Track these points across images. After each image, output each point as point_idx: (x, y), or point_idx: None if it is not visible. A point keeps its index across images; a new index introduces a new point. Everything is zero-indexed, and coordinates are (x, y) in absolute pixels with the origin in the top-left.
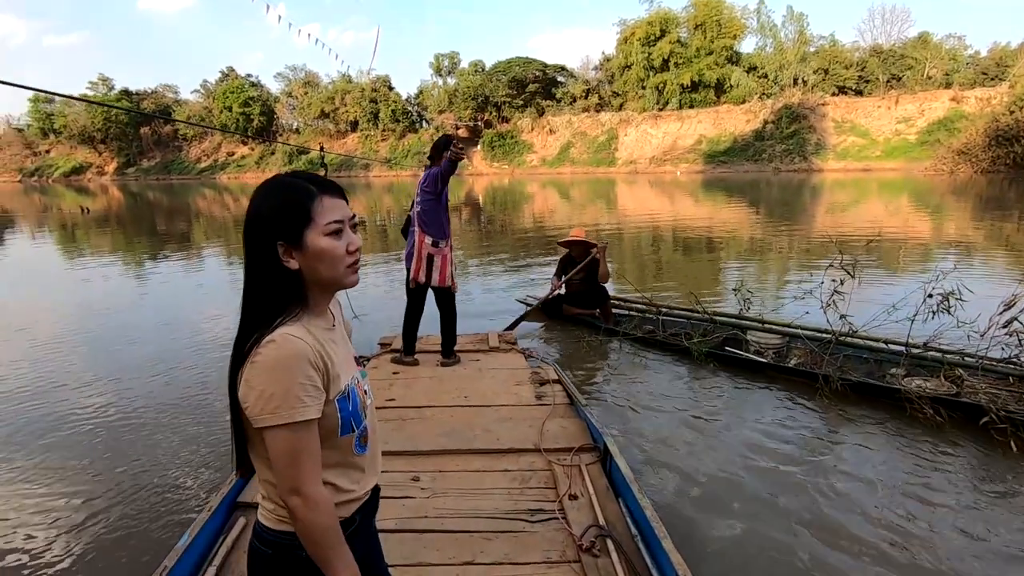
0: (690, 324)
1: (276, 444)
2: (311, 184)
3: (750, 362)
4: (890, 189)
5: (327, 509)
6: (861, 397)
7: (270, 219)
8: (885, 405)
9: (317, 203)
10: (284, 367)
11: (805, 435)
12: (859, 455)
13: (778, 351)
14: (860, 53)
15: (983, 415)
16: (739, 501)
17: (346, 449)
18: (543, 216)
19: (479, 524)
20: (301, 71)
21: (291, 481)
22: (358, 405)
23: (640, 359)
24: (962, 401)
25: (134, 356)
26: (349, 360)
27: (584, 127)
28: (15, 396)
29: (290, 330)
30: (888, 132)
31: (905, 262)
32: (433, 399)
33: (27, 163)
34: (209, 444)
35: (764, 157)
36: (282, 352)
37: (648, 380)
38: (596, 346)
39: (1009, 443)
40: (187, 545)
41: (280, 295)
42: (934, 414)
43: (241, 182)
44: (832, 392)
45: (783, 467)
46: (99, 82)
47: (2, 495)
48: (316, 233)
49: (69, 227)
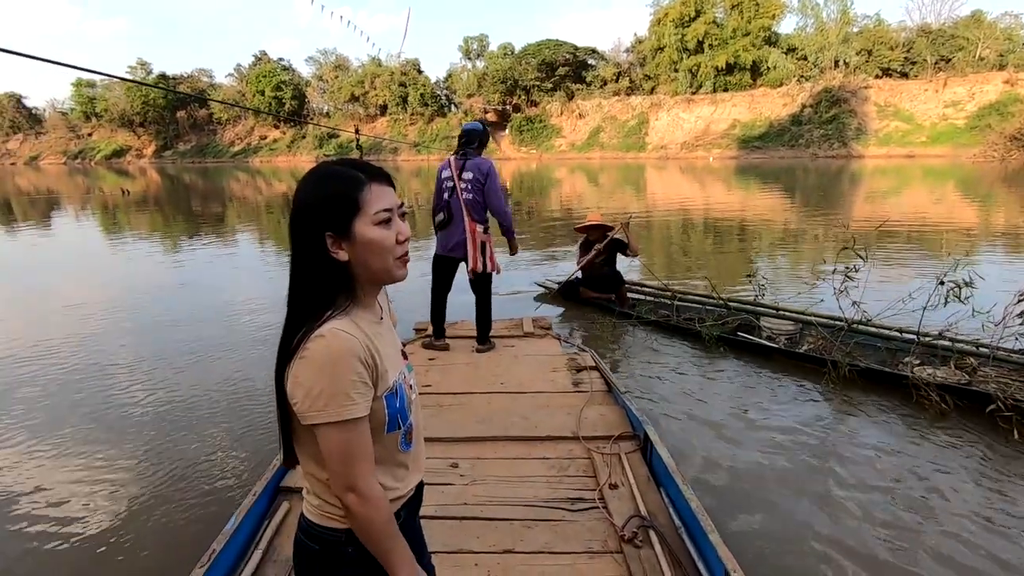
0: (704, 310)
1: (328, 442)
2: (359, 171)
3: (761, 347)
4: (935, 176)
5: (382, 504)
6: (871, 384)
7: (318, 209)
8: (894, 392)
9: (366, 191)
10: (332, 364)
11: (813, 421)
12: (868, 441)
13: (791, 337)
14: (907, 33)
15: (990, 403)
16: (757, 489)
17: (392, 446)
18: (571, 201)
19: (519, 512)
20: (332, 55)
21: (345, 479)
22: (405, 401)
23: (653, 342)
24: (969, 389)
25: (175, 337)
26: (396, 354)
27: (614, 111)
28: (67, 374)
29: (339, 324)
30: (935, 116)
31: (945, 252)
32: (470, 385)
33: (71, 146)
34: (250, 427)
35: (801, 143)
36: (331, 348)
37: (659, 363)
38: (610, 328)
39: (1013, 431)
40: (234, 529)
41: (328, 287)
42: (940, 401)
43: (273, 166)
44: (841, 378)
45: (794, 453)
46: (138, 66)
47: (54, 470)
48: (365, 223)
49: (111, 208)
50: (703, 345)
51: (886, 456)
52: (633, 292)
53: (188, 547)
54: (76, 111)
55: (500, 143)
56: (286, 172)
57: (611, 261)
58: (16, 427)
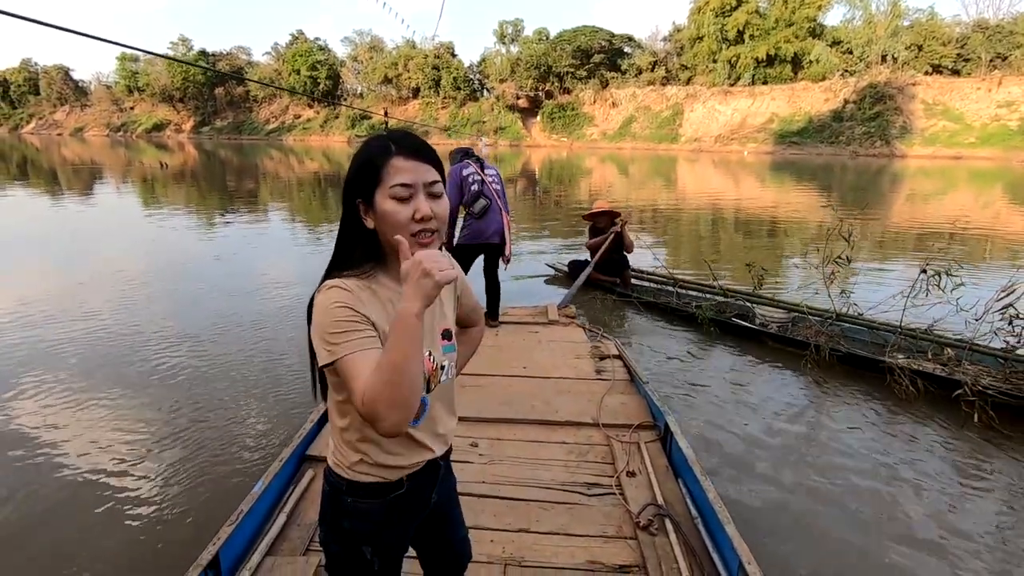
0: (704, 297)
1: (341, 372)
2: (392, 143)
3: (752, 332)
4: (983, 179)
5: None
6: (852, 369)
7: (352, 177)
8: (872, 377)
9: (388, 163)
10: (324, 312)
11: (796, 402)
12: (846, 422)
13: (782, 325)
14: (962, 28)
15: (957, 389)
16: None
17: None
18: (599, 192)
19: (536, 493)
20: (367, 36)
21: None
22: None
23: (653, 324)
24: (937, 375)
25: (209, 307)
26: (426, 331)
27: (648, 101)
28: (108, 338)
29: (343, 281)
30: (986, 117)
31: (987, 257)
32: (492, 368)
33: (114, 119)
34: (278, 396)
35: (841, 140)
36: (326, 296)
37: (656, 341)
38: (611, 308)
39: (974, 415)
40: (261, 491)
41: (356, 252)
42: (910, 384)
43: (306, 144)
44: (822, 362)
45: (779, 431)
46: (179, 42)
47: (91, 430)
48: (382, 194)
49: (150, 180)
50: (700, 328)
51: (861, 436)
52: (640, 278)
53: (217, 506)
54: (120, 85)
55: (531, 130)
56: (318, 151)
57: (617, 248)
58: (59, 387)
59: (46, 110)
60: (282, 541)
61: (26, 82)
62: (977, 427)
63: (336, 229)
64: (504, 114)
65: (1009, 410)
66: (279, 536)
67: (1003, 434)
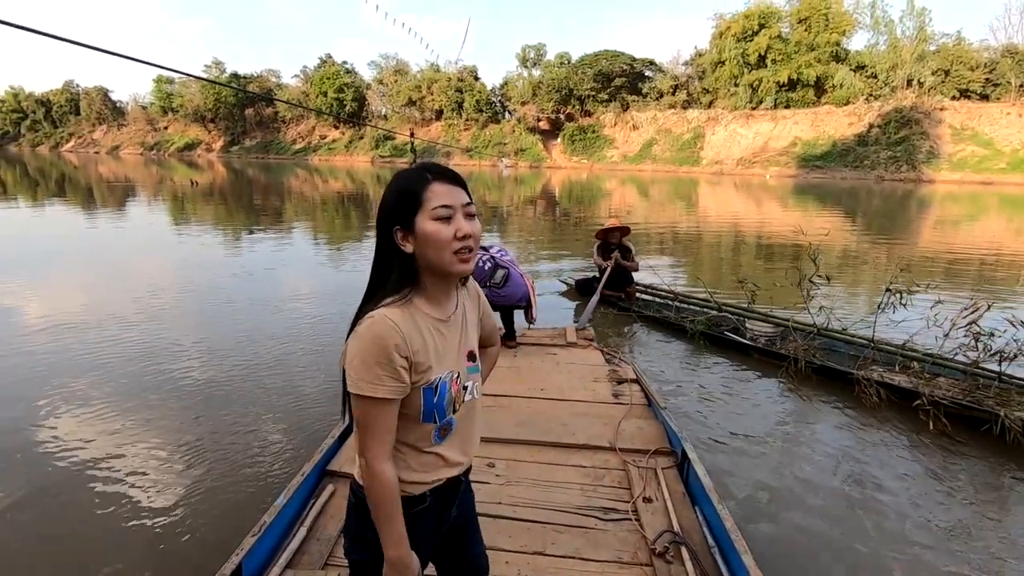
0: (701, 312)
1: (356, 410)
2: (427, 171)
3: (740, 345)
4: (1014, 205)
5: (385, 484)
6: (826, 380)
7: (390, 205)
8: (842, 387)
9: (428, 189)
10: (369, 344)
11: (773, 409)
12: (821, 428)
13: (770, 339)
14: (990, 53)
15: (917, 399)
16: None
17: (423, 436)
18: (619, 213)
19: (551, 516)
20: (393, 59)
21: (361, 445)
22: (445, 399)
23: (652, 336)
24: (899, 386)
25: (235, 322)
26: (455, 354)
27: (669, 124)
28: (136, 349)
29: (389, 312)
30: (1016, 142)
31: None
32: (510, 389)
33: (148, 138)
34: (301, 411)
35: (866, 164)
36: (372, 330)
37: (649, 353)
38: (613, 321)
39: (929, 423)
40: (283, 505)
41: (394, 277)
42: (874, 395)
43: (331, 164)
44: (798, 372)
45: (756, 437)
46: (213, 65)
47: (118, 440)
48: (424, 217)
49: (180, 197)
50: (692, 341)
51: (832, 441)
52: (644, 293)
53: (238, 517)
54: (155, 105)
55: (551, 151)
56: (343, 171)
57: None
58: (87, 397)
59: (85, 129)
60: (302, 555)
61: (67, 102)
62: (932, 434)
63: (362, 249)
64: (525, 136)
65: (961, 419)
66: (299, 549)
67: (955, 440)
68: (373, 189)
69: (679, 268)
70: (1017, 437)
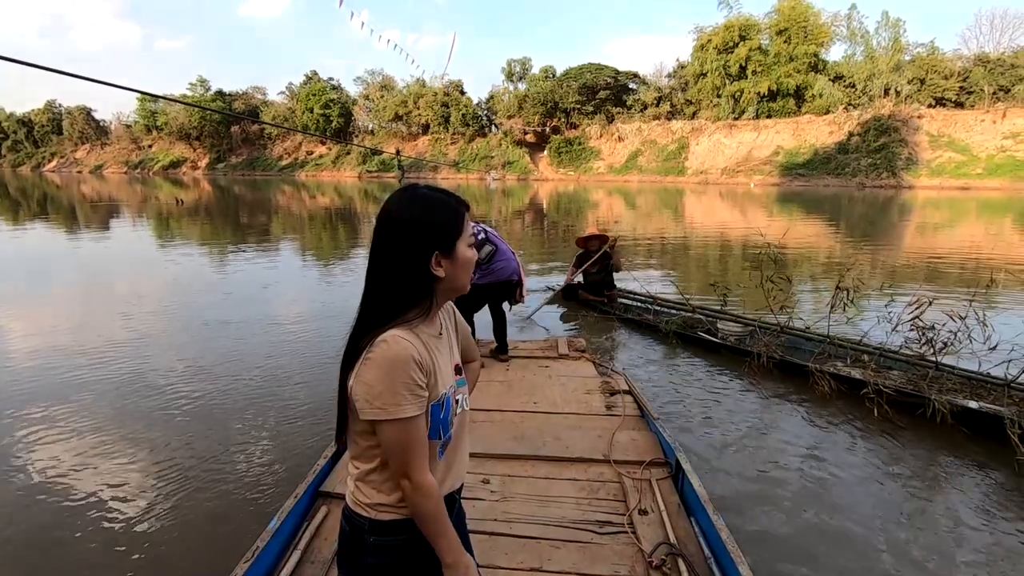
0: (677, 313)
1: (386, 436)
2: (453, 200)
3: (710, 343)
4: (992, 209)
5: (433, 492)
6: (787, 374)
7: (430, 229)
8: (801, 381)
9: (465, 217)
10: (392, 366)
11: (738, 402)
12: (781, 420)
13: (740, 338)
14: (963, 62)
15: (864, 387)
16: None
17: (431, 453)
18: (607, 224)
19: (547, 531)
20: (379, 75)
21: (401, 468)
22: (450, 414)
23: (633, 338)
24: (848, 376)
25: (223, 343)
26: (449, 369)
27: (654, 135)
28: (122, 373)
29: (400, 332)
30: (992, 148)
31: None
32: (503, 403)
33: (132, 156)
34: (292, 432)
35: (847, 171)
36: (391, 352)
37: (627, 353)
38: (594, 323)
39: (874, 410)
40: (276, 528)
41: (412, 299)
42: (826, 386)
43: (318, 180)
44: (761, 368)
45: (716, 423)
46: (197, 83)
47: (105, 464)
48: (464, 243)
49: (165, 216)
50: (667, 340)
51: (793, 431)
52: (625, 298)
53: (231, 541)
54: (139, 124)
55: (538, 164)
56: (330, 186)
57: (606, 270)
58: (71, 420)
59: (68, 149)
60: None
61: (50, 122)
62: (877, 419)
63: (351, 266)
64: (512, 149)
65: (902, 405)
66: (293, 573)
67: (896, 425)
68: (361, 204)
69: (662, 274)
70: (945, 418)
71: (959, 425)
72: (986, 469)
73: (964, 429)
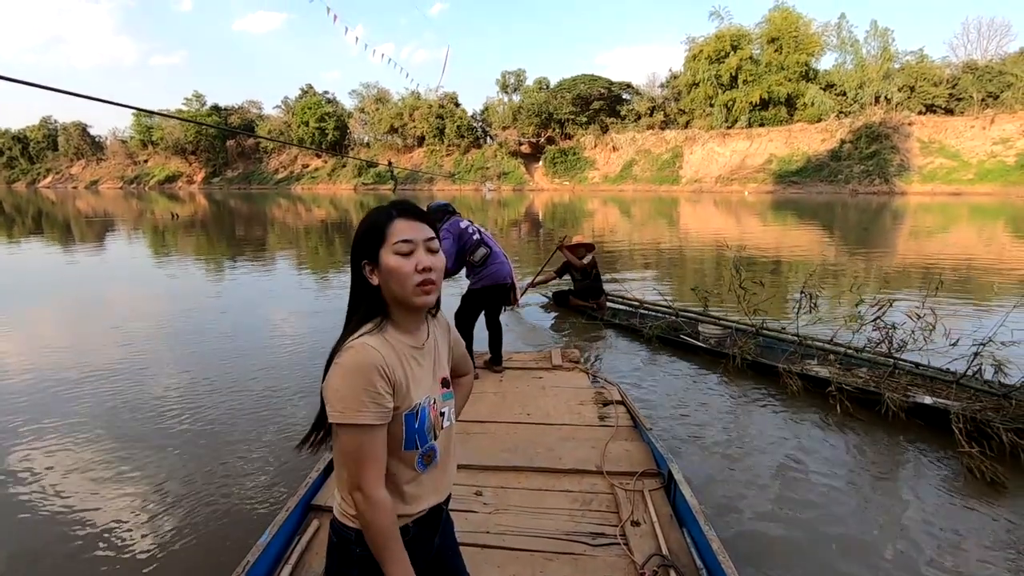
0: (664, 318)
1: (341, 441)
2: (393, 208)
3: (689, 346)
4: (983, 215)
5: (386, 510)
6: (760, 374)
7: (359, 240)
8: (773, 379)
9: (391, 224)
10: (354, 372)
11: (714, 399)
12: (754, 416)
13: (720, 340)
14: (952, 70)
15: (828, 385)
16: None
17: (406, 464)
18: (603, 233)
19: (540, 544)
20: (374, 88)
21: (353, 478)
22: (426, 425)
23: (616, 339)
24: (813, 375)
25: (217, 358)
26: (430, 380)
27: (648, 144)
28: (115, 389)
29: (368, 340)
30: (982, 154)
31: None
32: (496, 415)
33: (128, 171)
34: (284, 445)
35: (840, 178)
36: (356, 358)
37: (613, 355)
38: (582, 327)
39: (836, 407)
40: (266, 543)
41: (365, 308)
42: (794, 384)
43: (313, 193)
44: (736, 368)
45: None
46: (193, 98)
47: (94, 481)
48: (387, 251)
49: (161, 230)
50: (650, 343)
51: (766, 428)
52: (613, 303)
53: (221, 556)
54: (135, 139)
55: (533, 174)
56: (325, 199)
57: (594, 277)
58: (63, 437)
59: (63, 165)
60: None
61: (45, 138)
62: (839, 415)
63: (347, 279)
64: (507, 160)
65: (862, 402)
66: None
67: (855, 418)
68: (356, 216)
69: (652, 280)
70: (896, 413)
71: (914, 419)
72: (944, 461)
73: (919, 422)
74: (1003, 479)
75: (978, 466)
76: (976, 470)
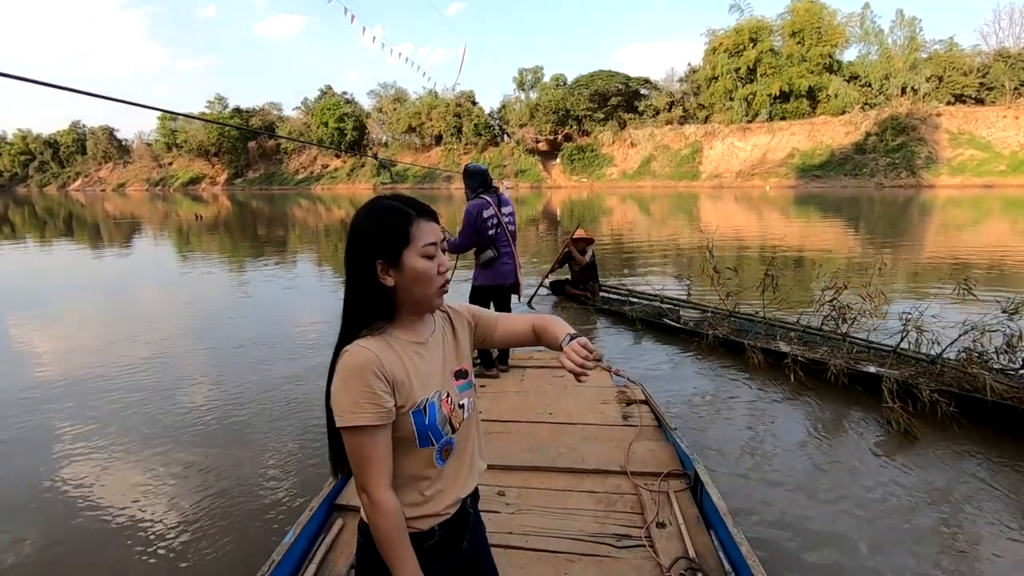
0: (650, 304)
1: (347, 444)
2: (410, 208)
3: (669, 328)
4: (1016, 207)
5: (389, 513)
6: (729, 351)
7: (372, 237)
8: (740, 355)
9: (415, 226)
10: (350, 375)
11: (689, 371)
12: (729, 385)
13: (698, 323)
14: (982, 58)
15: (785, 358)
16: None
17: (424, 461)
18: (621, 230)
19: (564, 545)
20: (392, 88)
21: (359, 480)
22: (436, 420)
23: (605, 323)
24: (774, 350)
25: (241, 357)
26: (438, 375)
27: (667, 140)
28: (144, 388)
29: (365, 342)
30: (1015, 144)
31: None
32: (518, 414)
33: (153, 174)
34: (307, 444)
35: (865, 172)
36: (351, 361)
37: (603, 337)
38: (577, 313)
39: (790, 376)
40: (291, 542)
41: (371, 310)
42: (755, 358)
43: (333, 193)
44: (709, 345)
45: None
46: (215, 101)
47: (124, 478)
48: (413, 254)
49: (185, 232)
50: (634, 325)
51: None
52: (606, 291)
53: (247, 555)
54: (160, 142)
55: (551, 172)
56: (345, 199)
57: (590, 267)
58: (93, 435)
59: (92, 168)
60: None
61: (74, 143)
62: (793, 384)
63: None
64: (524, 157)
65: (812, 372)
66: None
67: (807, 387)
68: None
69: (656, 272)
70: (840, 379)
71: (855, 385)
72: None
73: (859, 388)
74: (915, 433)
75: (896, 419)
76: (894, 422)
